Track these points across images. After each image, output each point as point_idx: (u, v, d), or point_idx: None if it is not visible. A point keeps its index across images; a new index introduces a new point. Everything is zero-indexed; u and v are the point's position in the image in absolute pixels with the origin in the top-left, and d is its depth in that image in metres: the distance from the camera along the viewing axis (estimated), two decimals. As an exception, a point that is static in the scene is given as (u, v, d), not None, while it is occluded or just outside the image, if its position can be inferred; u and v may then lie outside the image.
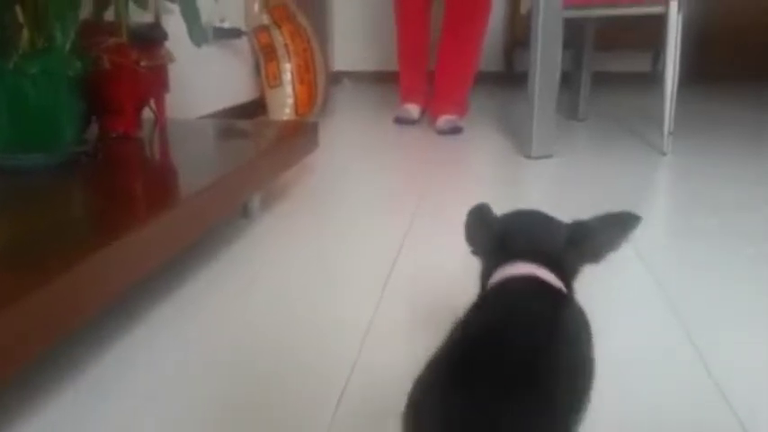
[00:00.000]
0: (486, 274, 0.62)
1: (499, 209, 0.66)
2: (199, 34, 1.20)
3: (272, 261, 1.27)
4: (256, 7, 2.76)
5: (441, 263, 1.25)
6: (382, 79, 4.12)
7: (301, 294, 1.11)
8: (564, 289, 0.58)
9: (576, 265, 0.61)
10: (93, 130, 1.41)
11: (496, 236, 0.61)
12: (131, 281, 0.85)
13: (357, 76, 4.53)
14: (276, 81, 2.77)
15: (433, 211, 1.58)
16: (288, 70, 2.75)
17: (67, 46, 1.07)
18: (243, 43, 2.80)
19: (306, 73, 2.80)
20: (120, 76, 1.33)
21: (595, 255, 0.60)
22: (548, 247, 0.60)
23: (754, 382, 0.84)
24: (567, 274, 0.60)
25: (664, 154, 2.19)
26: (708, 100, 3.57)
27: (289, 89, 2.76)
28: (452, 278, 1.16)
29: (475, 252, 0.63)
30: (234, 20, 2.66)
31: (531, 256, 0.58)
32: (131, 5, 1.26)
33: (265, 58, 2.77)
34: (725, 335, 0.96)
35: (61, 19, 1.05)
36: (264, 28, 2.75)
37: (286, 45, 2.74)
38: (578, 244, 0.60)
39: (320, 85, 2.90)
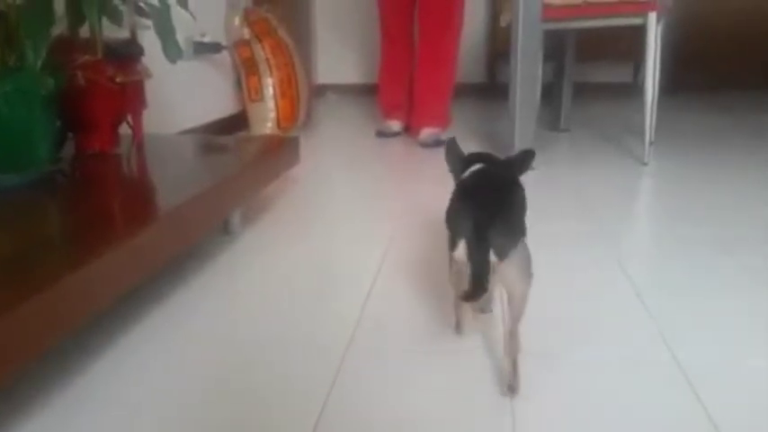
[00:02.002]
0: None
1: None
2: (174, 51, 1.19)
3: (253, 277, 1.26)
4: (237, 21, 2.75)
5: (422, 278, 1.24)
6: (366, 92, 4.13)
7: (283, 310, 1.10)
8: None
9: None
10: (70, 147, 1.40)
11: (464, 159, 0.99)
12: (109, 299, 0.84)
13: (340, 89, 4.53)
14: (258, 95, 2.76)
15: (416, 225, 1.57)
16: (269, 85, 2.74)
17: (39, 64, 1.05)
18: (224, 58, 2.79)
19: (288, 87, 2.79)
20: (95, 93, 1.32)
21: (519, 172, 0.97)
22: (496, 162, 0.99)
23: (733, 392, 0.83)
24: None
25: (645, 164, 2.20)
26: (688, 110, 3.61)
27: (270, 103, 2.76)
28: (435, 295, 1.16)
29: (451, 170, 1.01)
30: (214, 34, 2.65)
31: (488, 164, 0.98)
32: (105, 21, 1.24)
33: (246, 72, 2.77)
34: (705, 344, 0.96)
35: (32, 37, 1.03)
36: (245, 42, 2.75)
37: (267, 59, 2.74)
38: (511, 166, 0.97)
39: (302, 99, 2.90)
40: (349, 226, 1.59)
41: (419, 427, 0.78)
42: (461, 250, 0.79)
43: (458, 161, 1.00)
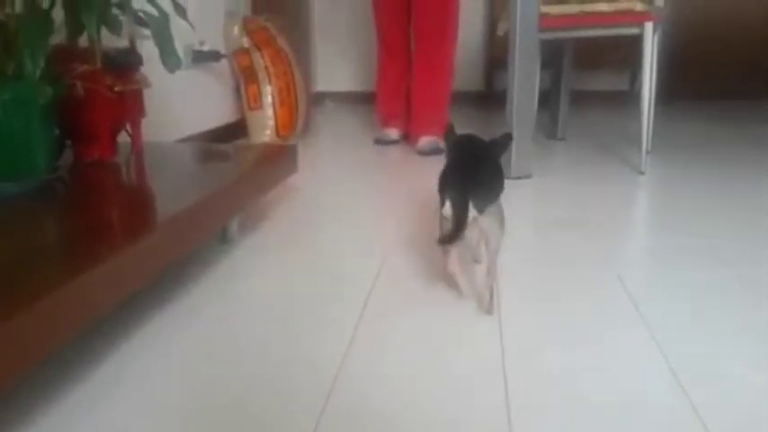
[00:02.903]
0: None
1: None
2: (172, 60, 1.19)
3: (251, 285, 1.26)
4: (236, 30, 2.77)
5: (421, 284, 1.24)
6: (364, 99, 4.14)
7: (281, 318, 1.10)
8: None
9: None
10: (70, 155, 1.40)
11: (456, 140, 1.23)
12: (107, 307, 0.84)
13: (339, 97, 4.55)
14: (257, 104, 2.77)
15: (414, 233, 1.58)
16: (268, 93, 2.76)
17: (38, 73, 1.06)
18: (223, 66, 2.80)
19: (286, 95, 2.80)
20: (93, 102, 1.32)
21: (501, 152, 1.20)
22: (482, 142, 1.21)
23: (730, 404, 0.83)
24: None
25: (641, 173, 2.21)
26: (685, 119, 3.62)
27: (269, 112, 2.77)
28: (433, 302, 1.16)
29: (446, 149, 1.26)
30: (213, 43, 2.66)
31: (476, 141, 1.22)
32: (104, 30, 1.25)
33: (246, 80, 2.78)
34: (701, 355, 0.96)
35: (31, 46, 1.04)
36: (245, 51, 2.76)
37: (266, 68, 2.75)
38: (493, 147, 1.20)
39: (301, 108, 2.91)
40: (347, 234, 1.60)
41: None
42: (447, 208, 1.03)
43: (450, 142, 1.25)
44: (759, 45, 4.21)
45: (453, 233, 1.00)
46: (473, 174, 1.06)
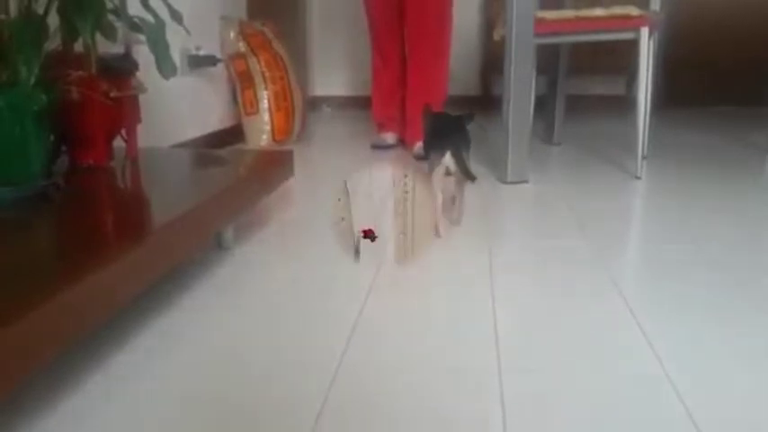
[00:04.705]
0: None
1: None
2: (168, 68, 1.19)
3: (246, 291, 1.26)
4: (232, 35, 2.77)
5: (415, 290, 1.24)
6: (361, 104, 4.14)
7: (276, 325, 1.10)
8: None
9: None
10: (65, 161, 1.40)
11: (431, 118, 1.70)
12: (102, 316, 0.84)
13: (336, 102, 4.55)
14: (253, 108, 2.77)
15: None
16: (265, 98, 2.76)
17: (32, 79, 1.05)
18: (220, 71, 2.80)
19: (283, 100, 2.80)
20: (88, 108, 1.32)
21: (467, 122, 1.59)
22: (452, 115, 1.64)
23: (726, 411, 0.83)
24: None
25: (638, 178, 2.21)
26: (681, 125, 3.63)
27: (266, 116, 2.77)
28: (429, 307, 1.16)
29: (424, 130, 1.75)
30: (210, 48, 2.66)
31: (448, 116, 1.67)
32: (100, 36, 1.25)
33: (242, 85, 2.78)
34: (697, 362, 0.96)
35: (25, 52, 1.04)
36: (241, 55, 2.76)
37: (263, 72, 2.75)
38: (461, 119, 1.59)
39: (297, 112, 2.91)
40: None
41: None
42: (448, 157, 1.49)
43: (428, 118, 1.70)
44: (757, 49, 4.22)
45: (467, 173, 1.50)
46: (458, 134, 1.55)
